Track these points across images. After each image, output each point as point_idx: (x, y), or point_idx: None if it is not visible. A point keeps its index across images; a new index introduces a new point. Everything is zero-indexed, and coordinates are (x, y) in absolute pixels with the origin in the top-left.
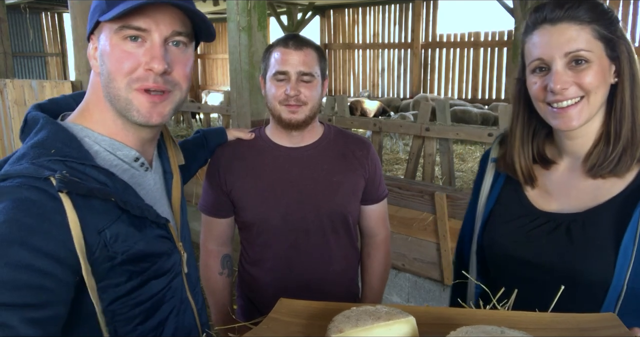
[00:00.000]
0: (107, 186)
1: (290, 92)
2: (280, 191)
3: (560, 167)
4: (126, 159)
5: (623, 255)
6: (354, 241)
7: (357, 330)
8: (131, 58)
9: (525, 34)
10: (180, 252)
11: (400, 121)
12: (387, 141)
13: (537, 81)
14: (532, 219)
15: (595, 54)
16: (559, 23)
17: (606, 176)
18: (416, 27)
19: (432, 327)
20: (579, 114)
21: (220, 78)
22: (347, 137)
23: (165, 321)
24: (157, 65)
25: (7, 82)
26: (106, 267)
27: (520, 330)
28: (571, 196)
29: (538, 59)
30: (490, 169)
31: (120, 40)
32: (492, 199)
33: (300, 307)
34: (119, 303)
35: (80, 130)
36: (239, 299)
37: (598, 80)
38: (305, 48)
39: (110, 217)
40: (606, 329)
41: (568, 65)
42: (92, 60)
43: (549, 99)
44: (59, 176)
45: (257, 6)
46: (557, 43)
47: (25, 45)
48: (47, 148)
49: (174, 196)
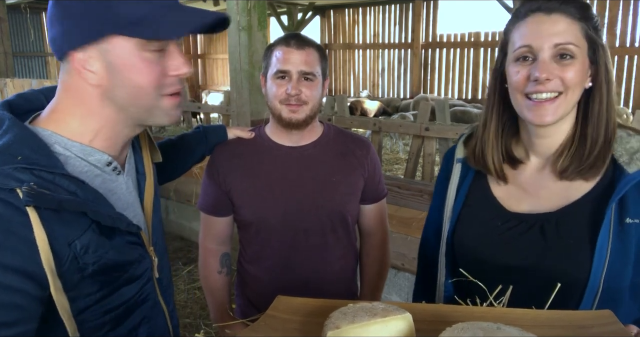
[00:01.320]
0: (77, 195)
1: (291, 92)
2: (280, 189)
3: (528, 167)
4: (98, 164)
5: (599, 254)
6: (353, 240)
7: (354, 326)
8: (159, 68)
9: (513, 21)
10: (151, 258)
11: (400, 121)
12: (386, 141)
13: (520, 70)
14: (504, 220)
15: (581, 51)
16: (552, 13)
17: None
18: (416, 27)
19: (428, 324)
20: (555, 109)
21: (220, 78)
22: (347, 137)
23: (138, 327)
24: (188, 70)
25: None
26: (76, 279)
27: (517, 327)
28: (541, 196)
29: (526, 46)
30: (456, 169)
31: (148, 53)
32: (459, 200)
33: (297, 304)
34: (88, 312)
35: (49, 135)
36: (238, 297)
37: (578, 77)
38: (307, 47)
39: (80, 227)
40: (602, 326)
41: (554, 58)
42: (87, 73)
43: (528, 89)
44: (26, 189)
45: (257, 6)
46: (548, 32)
47: (26, 45)
48: (12, 155)
49: (146, 199)
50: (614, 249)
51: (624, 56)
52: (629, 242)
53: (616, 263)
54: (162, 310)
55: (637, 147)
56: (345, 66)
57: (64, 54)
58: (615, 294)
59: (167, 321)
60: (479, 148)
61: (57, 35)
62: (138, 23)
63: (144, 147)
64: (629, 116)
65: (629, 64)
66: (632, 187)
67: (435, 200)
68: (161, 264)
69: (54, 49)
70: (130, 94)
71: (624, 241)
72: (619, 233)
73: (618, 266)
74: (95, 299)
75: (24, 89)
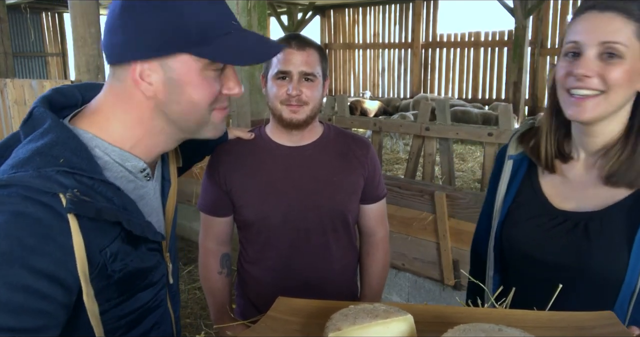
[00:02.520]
0: (114, 202)
1: (292, 92)
2: (280, 190)
3: (577, 163)
4: (133, 170)
5: (636, 253)
6: (353, 240)
7: (355, 328)
8: (215, 86)
9: (572, 19)
10: (167, 264)
11: (401, 121)
12: (387, 141)
13: (564, 66)
14: (551, 218)
15: (631, 52)
16: (606, 11)
17: (622, 185)
18: (416, 27)
19: (430, 326)
20: (594, 107)
21: None
22: (347, 137)
23: (149, 332)
24: (239, 91)
25: (7, 82)
26: (101, 286)
27: (518, 328)
28: (588, 195)
29: (573, 42)
30: (508, 166)
31: (208, 72)
32: (509, 197)
33: (298, 305)
34: (105, 316)
35: (90, 138)
36: (238, 298)
37: (624, 79)
38: (307, 48)
39: (111, 235)
40: (604, 327)
41: (599, 56)
42: (144, 84)
43: (568, 85)
44: (69, 196)
45: (257, 6)
46: (596, 30)
47: (26, 45)
48: (55, 156)
49: (168, 205)
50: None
51: None
52: None
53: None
54: (169, 316)
55: None
56: (345, 66)
57: (121, 62)
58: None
59: (173, 327)
60: (535, 140)
61: (120, 43)
62: (209, 45)
63: (170, 154)
64: None
65: None
66: None
67: (488, 197)
68: (173, 270)
69: (110, 54)
70: (184, 110)
71: None
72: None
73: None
74: (113, 304)
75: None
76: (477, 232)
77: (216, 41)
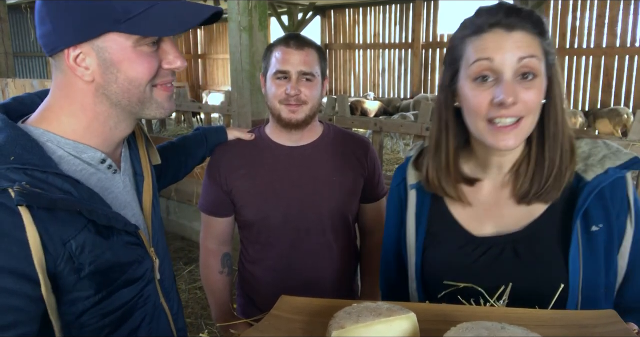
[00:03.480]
0: (72, 194)
1: (290, 92)
2: (280, 189)
3: (485, 185)
4: (92, 161)
5: (572, 267)
6: (353, 239)
7: (358, 326)
8: (154, 62)
9: (464, 34)
10: (152, 259)
11: (401, 121)
12: (387, 141)
13: (480, 93)
14: (474, 247)
15: (541, 66)
16: (513, 30)
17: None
18: (417, 27)
19: (432, 324)
20: (518, 134)
21: (220, 78)
22: (347, 136)
23: (137, 329)
24: (181, 64)
25: (8, 82)
26: (73, 280)
27: (520, 326)
28: (504, 215)
29: (486, 59)
30: (412, 196)
31: (140, 47)
32: (421, 229)
33: (301, 304)
34: (87, 315)
35: (41, 134)
36: (239, 297)
37: (539, 99)
38: (306, 48)
39: (75, 227)
40: (605, 326)
41: (516, 77)
42: (80, 69)
43: (492, 114)
44: (17, 188)
45: (258, 6)
46: (511, 47)
47: (26, 45)
48: (5, 155)
49: (144, 199)
50: (586, 260)
51: (624, 56)
52: (598, 250)
53: (589, 273)
54: (164, 312)
55: (587, 150)
56: (346, 66)
57: (55, 51)
58: (593, 302)
59: (170, 325)
60: (433, 172)
61: (49, 32)
62: (135, 20)
63: (140, 148)
64: (629, 116)
65: (629, 64)
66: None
67: (389, 228)
68: (162, 266)
69: (44, 46)
70: (123, 88)
71: (593, 250)
72: (587, 243)
73: (591, 275)
74: (93, 302)
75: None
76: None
77: (141, 15)
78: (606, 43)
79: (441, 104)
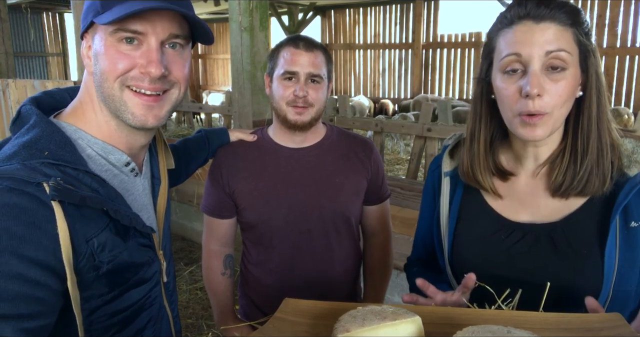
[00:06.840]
0: (99, 193)
1: (299, 93)
2: (283, 191)
3: (521, 177)
4: (117, 163)
5: (608, 261)
6: (356, 241)
7: (364, 330)
8: (126, 59)
9: (498, 27)
10: (160, 261)
11: (402, 121)
12: (387, 141)
13: (509, 86)
14: (508, 233)
15: (573, 59)
16: (542, 21)
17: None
18: (417, 28)
19: (438, 327)
20: (545, 124)
21: (221, 78)
22: (350, 138)
23: (143, 330)
24: (154, 70)
25: (9, 82)
26: (91, 277)
27: (526, 330)
28: (540, 206)
29: (514, 54)
30: (445, 183)
31: (115, 42)
32: (452, 215)
33: (305, 307)
34: (99, 312)
35: (73, 131)
36: (241, 299)
37: (568, 92)
38: (315, 50)
39: (98, 225)
40: (611, 329)
41: (544, 70)
42: (86, 60)
43: (520, 106)
44: (52, 183)
45: (258, 6)
46: (539, 40)
47: (27, 45)
48: (40, 149)
49: (159, 203)
50: (622, 255)
51: (624, 56)
52: (636, 246)
53: (624, 268)
54: (166, 314)
55: (631, 148)
56: (346, 66)
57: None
58: (623, 298)
59: (170, 326)
60: (467, 163)
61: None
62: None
63: (160, 152)
64: (630, 116)
65: (630, 64)
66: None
67: (424, 216)
68: (168, 269)
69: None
70: (97, 81)
71: (631, 246)
72: (626, 238)
73: (626, 271)
74: (105, 300)
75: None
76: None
77: (115, 8)
78: (607, 43)
79: (477, 96)
